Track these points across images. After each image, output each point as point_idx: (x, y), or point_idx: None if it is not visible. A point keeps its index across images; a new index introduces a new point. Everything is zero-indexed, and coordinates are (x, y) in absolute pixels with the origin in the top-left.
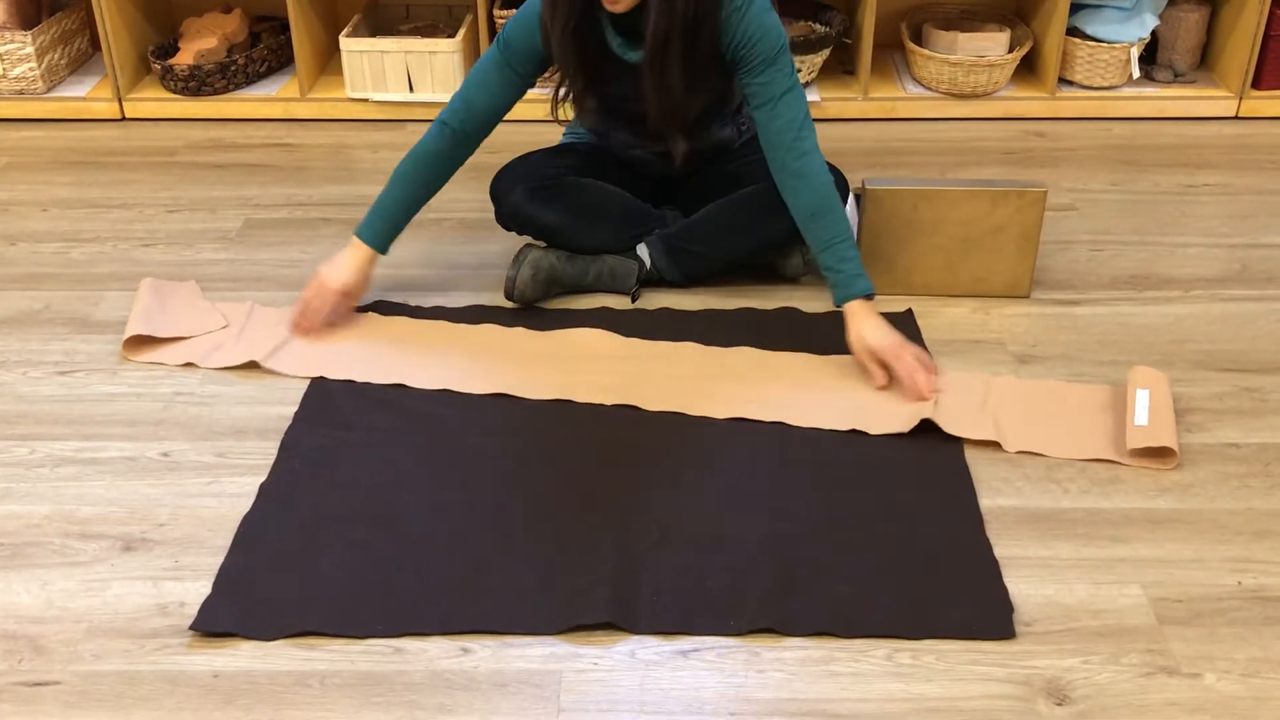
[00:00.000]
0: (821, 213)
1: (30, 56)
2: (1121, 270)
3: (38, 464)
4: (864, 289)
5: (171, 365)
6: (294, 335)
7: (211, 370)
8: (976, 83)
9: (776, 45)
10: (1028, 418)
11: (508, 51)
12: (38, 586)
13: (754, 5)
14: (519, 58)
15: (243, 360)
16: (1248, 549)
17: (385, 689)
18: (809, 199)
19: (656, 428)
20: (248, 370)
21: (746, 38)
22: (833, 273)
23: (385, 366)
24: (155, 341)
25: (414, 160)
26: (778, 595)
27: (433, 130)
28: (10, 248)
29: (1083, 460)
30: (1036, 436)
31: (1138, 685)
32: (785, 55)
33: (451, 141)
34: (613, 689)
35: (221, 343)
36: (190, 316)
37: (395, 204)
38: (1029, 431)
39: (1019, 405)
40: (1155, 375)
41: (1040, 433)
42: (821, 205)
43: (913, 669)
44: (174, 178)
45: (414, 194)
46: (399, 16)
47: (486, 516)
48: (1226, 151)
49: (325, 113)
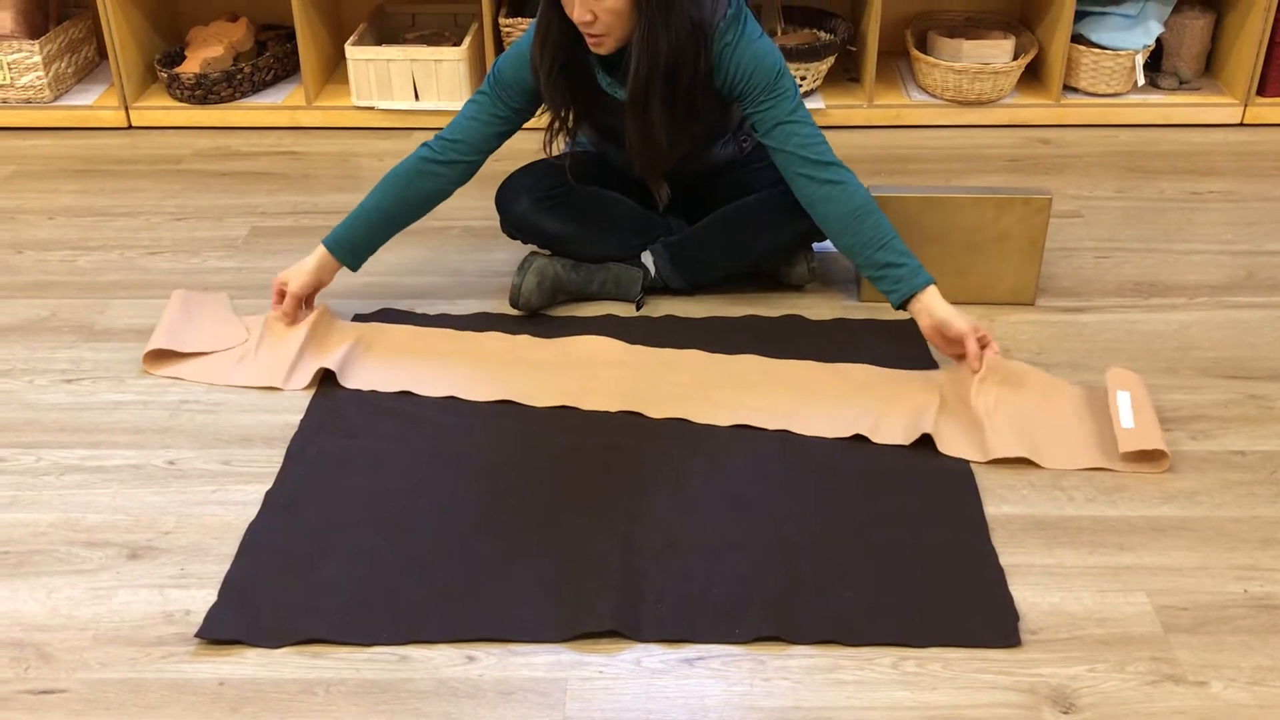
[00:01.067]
0: (867, 212)
1: (37, 65)
2: (1127, 277)
3: (44, 472)
4: (929, 278)
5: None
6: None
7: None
8: (981, 90)
9: (774, 71)
10: (1020, 428)
11: (498, 85)
12: (44, 594)
13: (744, 38)
14: (509, 92)
15: (259, 384)
16: (1253, 557)
17: (391, 697)
18: (852, 202)
19: (661, 436)
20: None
21: (742, 72)
22: (895, 267)
23: (392, 375)
24: (176, 356)
25: (389, 175)
26: (783, 603)
27: (421, 152)
28: (17, 256)
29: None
30: (1027, 448)
31: (1143, 693)
32: (785, 78)
33: (423, 164)
34: (618, 697)
35: (241, 356)
36: (214, 331)
37: (360, 210)
38: (1020, 444)
39: (1011, 417)
40: (1132, 377)
41: (1031, 444)
42: (866, 204)
43: (918, 677)
44: (180, 186)
45: (378, 204)
46: (404, 25)
47: (491, 524)
48: (1232, 158)
49: (331, 121)
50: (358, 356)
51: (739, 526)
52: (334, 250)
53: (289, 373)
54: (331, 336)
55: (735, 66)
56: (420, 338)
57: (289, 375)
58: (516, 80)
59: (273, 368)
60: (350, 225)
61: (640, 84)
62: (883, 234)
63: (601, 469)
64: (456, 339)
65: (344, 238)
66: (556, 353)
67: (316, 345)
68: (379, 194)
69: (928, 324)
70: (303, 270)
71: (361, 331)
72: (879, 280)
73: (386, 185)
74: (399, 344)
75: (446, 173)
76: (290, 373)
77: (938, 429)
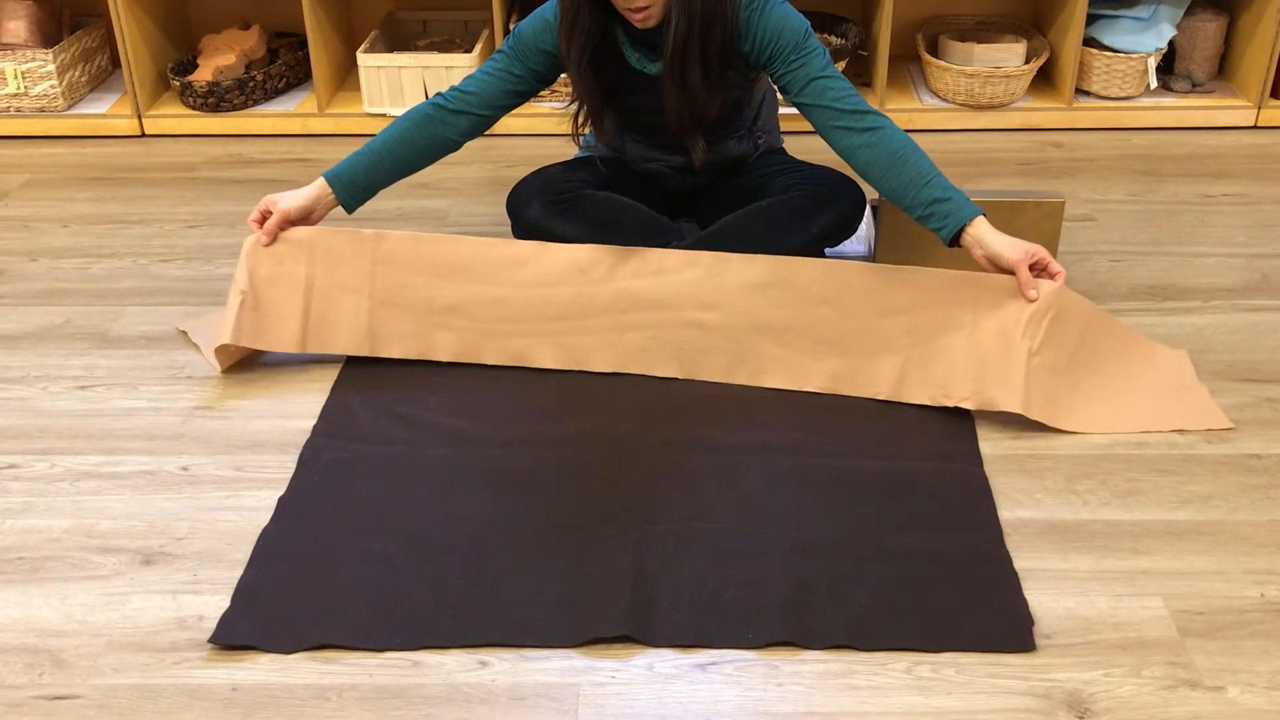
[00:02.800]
0: (907, 153)
1: (51, 74)
2: (1140, 281)
3: (58, 478)
4: (976, 210)
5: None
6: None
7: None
8: (993, 94)
9: (801, 30)
10: (1060, 380)
11: (518, 45)
12: (58, 600)
13: (768, 2)
14: (529, 53)
15: (283, 348)
16: (1270, 561)
17: (403, 702)
18: (891, 145)
19: (675, 441)
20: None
21: (770, 34)
22: (942, 203)
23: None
24: (227, 349)
25: (397, 119)
26: (796, 608)
27: (427, 105)
28: (31, 263)
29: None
30: (1060, 408)
31: (1160, 698)
32: (812, 38)
33: (434, 109)
34: (630, 702)
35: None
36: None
37: (364, 149)
38: (1050, 403)
39: (1054, 365)
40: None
41: (1066, 402)
42: (906, 146)
43: (932, 682)
44: (193, 193)
45: (384, 144)
46: (416, 32)
47: (504, 529)
48: (1245, 161)
49: (343, 128)
50: (379, 321)
51: (752, 531)
52: (333, 184)
53: (300, 335)
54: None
55: (763, 30)
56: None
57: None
58: (536, 44)
59: (282, 326)
60: (352, 162)
61: (679, 40)
62: (925, 172)
63: (614, 473)
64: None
65: (344, 173)
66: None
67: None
68: (384, 135)
69: (980, 255)
70: (296, 195)
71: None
72: (927, 219)
73: (393, 128)
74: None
75: (455, 122)
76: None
77: (974, 379)
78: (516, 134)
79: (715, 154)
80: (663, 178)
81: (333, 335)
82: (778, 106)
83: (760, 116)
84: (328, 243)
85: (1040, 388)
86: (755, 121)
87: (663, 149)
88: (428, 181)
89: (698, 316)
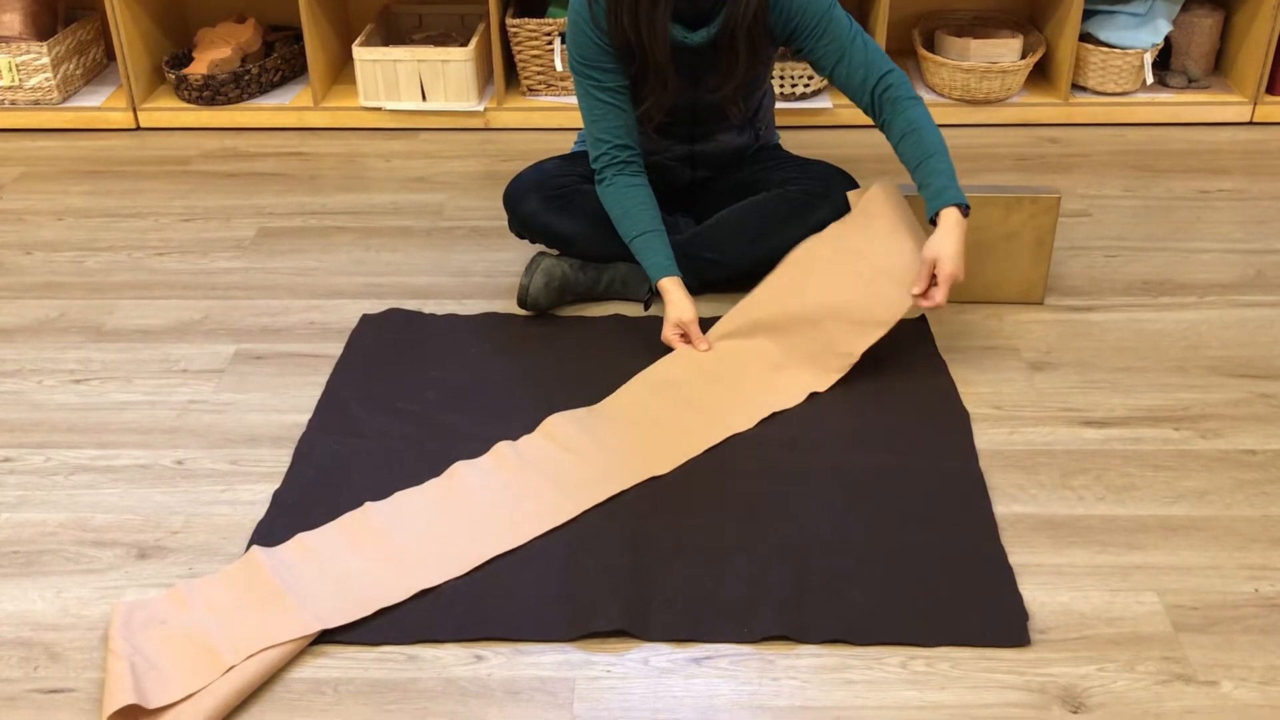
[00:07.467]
0: (911, 132)
1: (46, 67)
2: (1136, 276)
3: (52, 472)
4: (952, 198)
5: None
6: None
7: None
8: (989, 89)
9: (826, 2)
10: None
11: (580, 60)
12: (53, 594)
13: None
14: (596, 67)
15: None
16: (1264, 556)
17: (399, 696)
18: (902, 124)
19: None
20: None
21: (794, 8)
22: (923, 188)
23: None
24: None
25: (621, 199)
26: (791, 602)
27: (606, 177)
28: (26, 257)
29: None
30: None
31: (1154, 693)
32: (837, 8)
33: (618, 175)
34: (626, 696)
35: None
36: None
37: (644, 236)
38: None
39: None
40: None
41: None
42: (912, 123)
43: (927, 677)
44: (188, 187)
45: (652, 217)
46: (412, 25)
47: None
48: (1241, 157)
49: (338, 122)
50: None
51: (747, 526)
52: (676, 275)
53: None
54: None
55: (788, 4)
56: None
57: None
58: (593, 51)
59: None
60: (656, 248)
61: (744, 4)
62: (925, 150)
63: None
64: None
65: (667, 263)
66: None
67: None
68: (642, 211)
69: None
70: (683, 305)
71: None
72: (923, 189)
73: (629, 205)
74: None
75: (635, 162)
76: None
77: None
78: (512, 128)
79: (715, 146)
80: (664, 170)
81: None
82: (774, 101)
83: (761, 108)
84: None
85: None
86: (756, 113)
87: (670, 136)
88: (424, 176)
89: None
